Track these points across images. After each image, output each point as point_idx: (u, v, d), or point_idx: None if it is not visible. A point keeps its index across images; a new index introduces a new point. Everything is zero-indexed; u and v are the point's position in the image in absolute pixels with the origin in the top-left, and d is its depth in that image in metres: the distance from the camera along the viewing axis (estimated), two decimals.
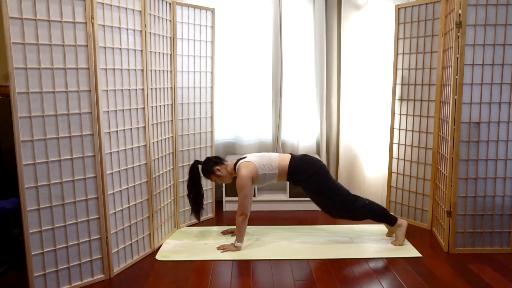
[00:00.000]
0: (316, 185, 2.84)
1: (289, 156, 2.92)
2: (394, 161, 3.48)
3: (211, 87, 3.42)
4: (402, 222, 2.92)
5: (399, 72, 3.38)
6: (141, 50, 2.63)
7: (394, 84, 3.41)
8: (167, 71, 2.99)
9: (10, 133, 2.13)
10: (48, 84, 2.17)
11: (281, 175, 2.88)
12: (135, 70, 2.60)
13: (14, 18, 2.03)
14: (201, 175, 2.96)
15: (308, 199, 3.69)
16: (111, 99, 2.44)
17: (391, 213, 2.93)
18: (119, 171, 2.53)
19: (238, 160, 2.91)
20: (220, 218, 3.56)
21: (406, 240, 2.99)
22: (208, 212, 3.55)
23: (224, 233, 3.15)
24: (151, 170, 2.78)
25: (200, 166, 2.93)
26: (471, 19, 2.67)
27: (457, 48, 2.70)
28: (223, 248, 2.84)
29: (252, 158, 2.87)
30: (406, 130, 3.37)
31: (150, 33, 2.71)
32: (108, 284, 2.43)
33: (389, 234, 3.06)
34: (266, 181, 2.90)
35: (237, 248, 2.83)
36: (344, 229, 3.23)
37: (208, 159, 2.96)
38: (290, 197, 3.72)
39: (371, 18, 3.67)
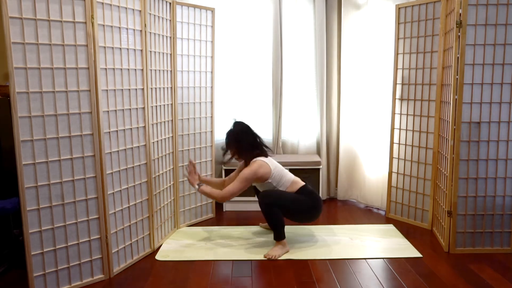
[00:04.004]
0: (296, 205, 2.81)
1: (302, 184, 2.87)
2: (395, 161, 3.47)
3: (211, 87, 3.42)
4: (286, 247, 2.81)
5: (399, 72, 3.37)
6: (141, 50, 2.63)
7: (394, 84, 3.41)
8: (167, 71, 2.99)
9: (10, 133, 2.12)
10: (48, 84, 2.16)
11: None
12: (135, 70, 2.59)
13: (14, 18, 2.03)
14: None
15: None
16: (111, 99, 2.44)
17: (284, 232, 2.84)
18: (119, 171, 2.53)
19: (259, 154, 2.86)
20: (220, 218, 3.55)
21: (406, 240, 2.99)
22: (208, 212, 3.54)
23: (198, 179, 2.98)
24: (151, 170, 2.78)
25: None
26: (471, 19, 2.66)
27: (458, 48, 2.70)
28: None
29: (272, 164, 2.84)
30: (406, 130, 3.37)
31: (150, 32, 2.71)
32: (108, 284, 2.43)
33: (264, 227, 3.22)
34: (263, 189, 2.89)
35: (194, 187, 2.83)
36: (344, 229, 3.23)
37: (244, 131, 2.92)
38: None
39: (371, 18, 3.67)
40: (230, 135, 2.92)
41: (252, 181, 2.79)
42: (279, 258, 2.73)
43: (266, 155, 2.90)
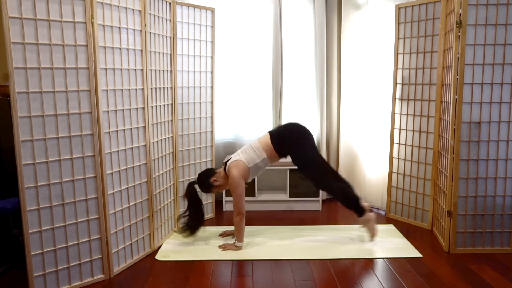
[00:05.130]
0: (302, 157, 2.85)
1: (268, 134, 2.93)
2: (395, 161, 3.47)
3: (211, 87, 3.42)
4: (370, 216, 2.91)
5: (400, 72, 3.37)
6: (141, 50, 2.63)
7: (395, 84, 3.41)
8: (167, 70, 2.99)
9: (10, 133, 2.12)
10: (48, 84, 2.16)
11: (271, 156, 2.89)
12: (135, 70, 2.59)
13: (14, 18, 2.03)
14: (200, 191, 2.97)
15: (308, 198, 3.72)
16: (111, 99, 2.43)
17: (362, 205, 2.90)
18: (119, 171, 2.53)
19: (225, 163, 2.92)
20: (220, 218, 3.55)
21: (406, 240, 2.99)
22: (208, 212, 3.54)
23: (222, 235, 3.13)
24: (151, 170, 2.77)
25: (196, 186, 2.94)
26: (471, 19, 2.66)
27: (458, 48, 2.70)
28: (224, 247, 2.85)
29: (238, 156, 2.88)
30: (406, 130, 3.37)
31: (150, 32, 2.71)
32: (108, 284, 2.43)
33: (362, 226, 3.14)
34: (261, 169, 2.92)
35: (238, 248, 2.83)
36: (344, 229, 3.23)
37: (200, 175, 2.96)
38: (290, 197, 3.71)
39: (371, 18, 3.67)
40: (200, 189, 2.95)
41: (242, 183, 2.80)
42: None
43: (228, 159, 2.94)
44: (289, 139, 2.87)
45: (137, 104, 2.63)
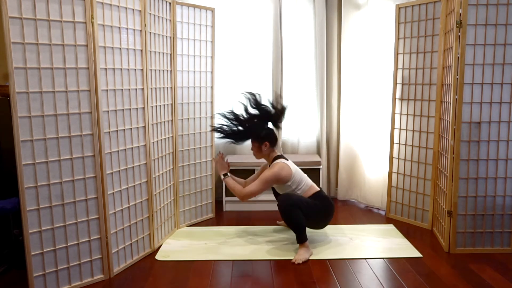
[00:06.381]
0: (310, 206, 2.78)
1: (318, 189, 2.88)
2: (395, 161, 3.47)
3: (211, 87, 3.42)
4: (310, 250, 2.76)
5: (400, 72, 3.37)
6: (141, 50, 2.63)
7: (395, 83, 3.41)
8: (167, 70, 2.99)
9: (10, 133, 2.12)
10: (48, 84, 2.16)
11: None
12: (135, 69, 2.59)
13: (14, 18, 2.03)
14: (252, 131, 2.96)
15: None
16: (111, 99, 2.43)
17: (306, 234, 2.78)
18: (119, 171, 2.53)
19: (279, 156, 2.89)
20: (220, 218, 3.55)
21: (406, 240, 2.99)
22: (208, 212, 3.54)
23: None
24: (151, 170, 2.77)
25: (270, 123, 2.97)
26: (471, 18, 2.66)
27: (458, 48, 2.70)
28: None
29: (292, 166, 2.85)
30: (406, 130, 3.36)
31: (150, 32, 2.71)
32: (108, 284, 2.43)
33: (281, 224, 3.30)
34: (282, 192, 2.90)
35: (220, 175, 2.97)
36: (344, 229, 3.23)
37: (272, 131, 2.94)
38: None
39: (371, 18, 3.67)
40: (257, 124, 2.94)
41: (273, 183, 2.79)
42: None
43: (286, 158, 2.92)
44: (317, 207, 2.81)
45: (137, 104, 2.63)
